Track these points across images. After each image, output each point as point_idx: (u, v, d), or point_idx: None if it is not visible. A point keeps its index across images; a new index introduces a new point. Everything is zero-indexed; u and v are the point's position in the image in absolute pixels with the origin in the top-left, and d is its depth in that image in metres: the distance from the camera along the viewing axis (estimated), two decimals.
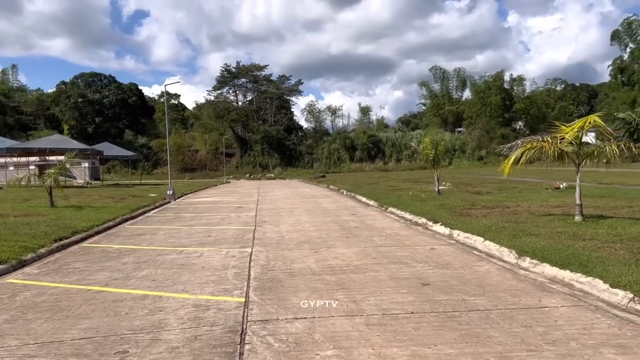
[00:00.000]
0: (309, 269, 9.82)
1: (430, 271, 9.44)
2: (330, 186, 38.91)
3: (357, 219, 17.73)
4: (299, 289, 8.26)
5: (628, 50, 73.06)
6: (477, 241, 12.21)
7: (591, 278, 8.11)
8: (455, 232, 13.59)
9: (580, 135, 13.14)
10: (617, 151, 13.10)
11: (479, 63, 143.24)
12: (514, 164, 13.96)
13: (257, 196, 31.43)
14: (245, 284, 8.73)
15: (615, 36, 75.80)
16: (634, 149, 13.33)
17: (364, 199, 25.64)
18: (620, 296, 7.32)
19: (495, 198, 21.79)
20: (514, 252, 10.55)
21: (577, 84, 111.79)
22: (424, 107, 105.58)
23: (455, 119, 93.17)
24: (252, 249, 12.16)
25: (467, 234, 12.97)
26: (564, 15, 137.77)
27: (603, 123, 12.59)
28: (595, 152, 13.45)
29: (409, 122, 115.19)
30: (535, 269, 9.47)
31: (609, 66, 77.65)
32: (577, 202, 13.81)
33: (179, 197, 31.06)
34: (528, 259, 9.91)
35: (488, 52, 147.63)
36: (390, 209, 20.34)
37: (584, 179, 28.89)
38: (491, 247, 11.48)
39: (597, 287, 7.84)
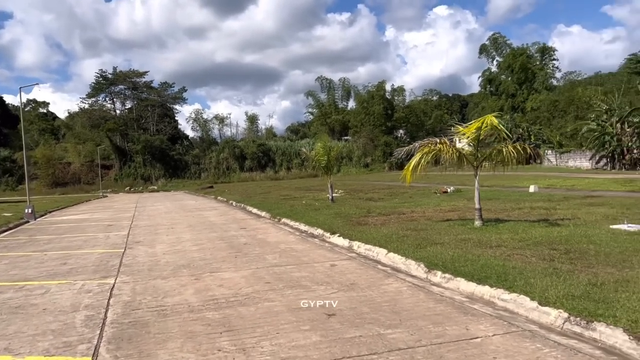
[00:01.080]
0: (186, 303, 7.81)
1: (334, 295, 7.90)
2: (219, 197, 36.48)
3: (247, 234, 15.85)
4: (170, 337, 6.26)
5: (495, 62, 79.14)
6: (380, 253, 10.95)
7: (515, 294, 7.06)
8: (355, 244, 12.28)
9: (478, 136, 12.51)
10: (514, 152, 12.65)
11: (361, 74, 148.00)
12: (414, 170, 13.02)
13: (134, 211, 28.19)
14: (98, 333, 6.53)
15: (483, 50, 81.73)
16: (529, 150, 12.99)
17: (255, 210, 23.78)
18: (553, 316, 6.29)
19: (389, 204, 21.10)
20: (422, 265, 9.38)
21: (450, 94, 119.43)
22: (311, 117, 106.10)
23: (341, 127, 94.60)
24: (115, 279, 9.79)
25: (368, 246, 11.70)
26: (436, 31, 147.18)
27: (499, 123, 12.05)
28: (493, 154, 12.92)
29: (297, 130, 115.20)
30: (449, 285, 8.32)
31: (479, 77, 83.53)
32: (477, 206, 13.20)
33: (41, 216, 26.88)
34: (439, 272, 8.76)
35: (369, 64, 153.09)
36: (283, 220, 18.72)
37: (465, 182, 29.65)
38: (396, 259, 10.26)
39: (525, 305, 6.77)
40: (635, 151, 42.26)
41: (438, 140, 13.25)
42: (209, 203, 32.95)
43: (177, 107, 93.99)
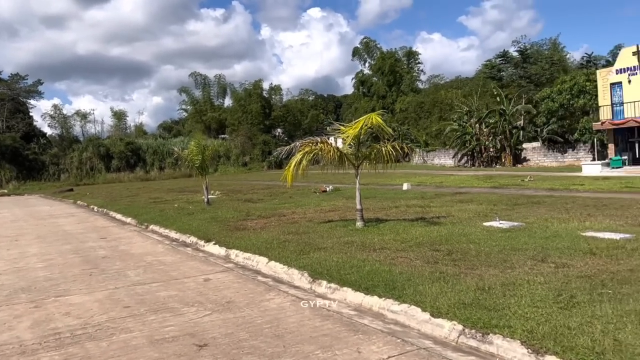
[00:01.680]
0: (17, 342, 6.19)
1: (207, 319, 6.79)
2: (79, 202, 32.84)
3: (108, 245, 13.94)
4: None
5: (367, 65, 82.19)
6: (261, 262, 10.01)
7: (406, 305, 6.54)
8: (233, 253, 11.20)
9: (359, 135, 12.09)
10: (393, 152, 12.45)
11: (238, 72, 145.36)
12: (295, 169, 12.25)
13: None
14: None
15: (356, 53, 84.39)
16: (406, 149, 12.88)
17: (119, 216, 21.46)
18: (447, 329, 5.82)
19: (269, 205, 20.23)
20: (306, 274, 8.62)
21: (325, 95, 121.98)
22: (185, 114, 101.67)
23: (218, 125, 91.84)
24: None
25: (247, 254, 10.69)
26: (310, 32, 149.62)
27: (383, 122, 11.75)
28: (373, 154, 12.60)
29: (170, 128, 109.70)
30: (336, 295, 7.63)
31: (352, 79, 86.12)
32: (358, 207, 12.81)
33: None
34: (324, 282, 8.05)
35: (245, 62, 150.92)
36: (152, 227, 16.94)
37: (343, 181, 29.88)
38: (278, 269, 9.39)
39: (416, 317, 6.26)
40: (491, 149, 46.15)
41: (319, 140, 12.64)
42: (66, 208, 29.43)
43: (32, 101, 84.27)
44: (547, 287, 6.65)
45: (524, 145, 44.21)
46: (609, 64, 42.85)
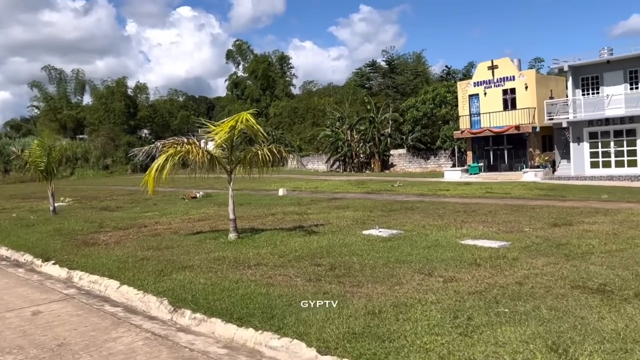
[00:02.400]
0: None
1: None
2: None
3: None
4: None
5: (241, 67, 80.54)
6: (110, 287, 8.27)
7: (287, 340, 5.43)
8: (77, 275, 9.25)
9: (232, 136, 10.79)
10: (270, 155, 11.35)
11: (100, 68, 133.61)
12: (158, 174, 10.58)
13: None
14: None
15: (229, 55, 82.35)
16: (284, 153, 11.87)
17: None
18: None
19: (128, 214, 17.97)
20: (165, 301, 7.15)
21: (197, 96, 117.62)
22: (37, 111, 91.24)
23: (76, 124, 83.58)
24: None
25: (93, 277, 8.85)
26: (180, 31, 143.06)
27: (255, 121, 10.57)
28: (248, 157, 11.38)
29: (20, 127, 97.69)
30: (202, 328, 6.30)
31: (225, 80, 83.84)
32: (231, 216, 11.49)
33: None
34: (188, 312, 6.67)
35: (109, 58, 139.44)
36: None
37: (215, 185, 28.15)
38: (131, 295, 7.77)
39: (301, 354, 5.18)
40: (362, 155, 47.38)
41: (186, 140, 11.10)
42: None
43: None
44: (441, 308, 5.98)
45: (392, 152, 46.01)
46: (465, 77, 46.30)
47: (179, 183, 28.59)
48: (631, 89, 26.81)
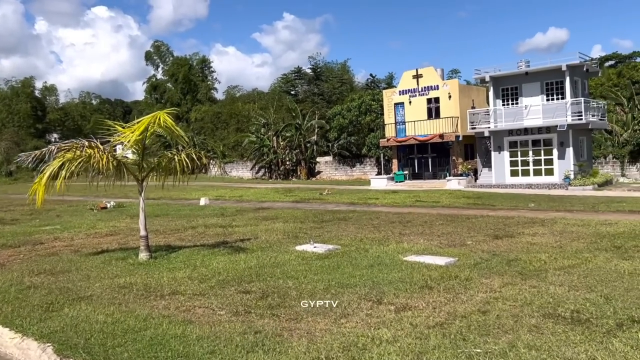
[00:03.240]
0: None
1: None
2: None
3: None
4: None
5: (160, 70, 76.73)
6: None
7: None
8: None
9: (143, 139, 9.17)
10: (188, 162, 9.82)
11: (5, 68, 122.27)
12: (49, 183, 8.73)
13: None
14: None
15: (148, 57, 78.23)
16: (204, 159, 10.39)
17: None
18: None
19: (24, 229, 15.53)
20: (49, 349, 5.53)
21: (113, 99, 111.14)
22: None
23: None
24: None
25: None
26: (95, 32, 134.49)
27: (173, 123, 9.04)
28: (163, 163, 9.78)
29: None
30: None
31: (143, 83, 79.60)
32: (142, 233, 9.82)
33: None
34: None
35: (15, 57, 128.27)
36: None
37: (129, 194, 25.75)
38: (6, 340, 6.02)
39: None
40: (288, 162, 46.19)
41: (87, 144, 9.31)
42: None
43: None
44: (401, 350, 4.87)
45: (318, 159, 45.24)
46: (388, 86, 46.62)
47: (88, 191, 25.94)
48: (548, 100, 27.71)
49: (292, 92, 56.03)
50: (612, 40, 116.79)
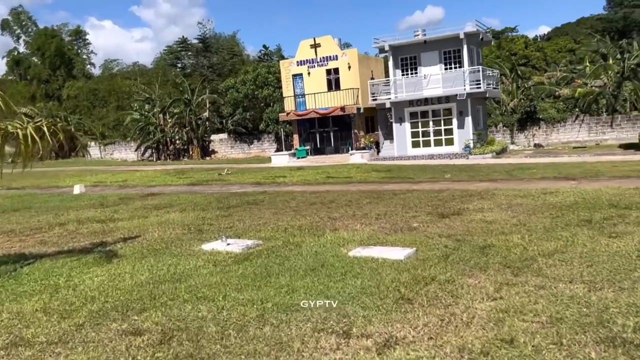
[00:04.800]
0: None
1: None
2: None
3: None
4: None
5: (22, 42, 66.63)
6: None
7: None
8: None
9: None
10: (40, 141, 6.72)
11: None
12: None
13: None
14: None
15: (5, 26, 67.40)
16: (76, 137, 7.34)
17: None
18: None
19: None
20: None
21: None
22: None
23: None
24: None
25: None
26: None
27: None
28: None
29: None
30: None
31: (3, 57, 68.82)
32: None
33: None
34: None
35: None
36: None
37: None
38: None
39: None
40: (178, 142, 42.08)
41: None
42: None
43: None
44: None
45: (212, 137, 41.71)
46: (282, 58, 44.13)
47: None
48: (446, 69, 27.11)
49: (179, 65, 51.25)
50: (482, 18, 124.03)
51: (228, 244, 7.73)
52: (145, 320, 4.85)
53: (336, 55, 30.04)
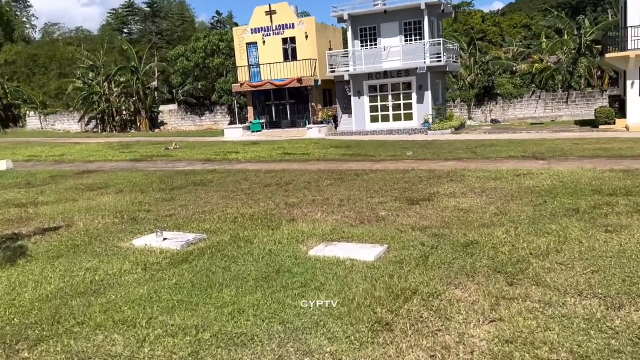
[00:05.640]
0: None
1: None
2: None
3: None
4: None
5: None
6: None
7: None
8: None
9: None
10: None
11: None
12: None
13: None
14: None
15: None
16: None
17: None
18: None
19: None
20: None
21: None
22: None
23: None
24: None
25: None
26: None
27: None
28: None
29: None
30: None
31: None
32: None
33: None
34: None
35: None
36: None
37: None
38: None
39: None
40: (125, 113, 39.38)
41: None
42: None
43: None
44: None
45: (161, 108, 39.25)
46: (236, 25, 41.77)
47: None
48: (406, 41, 26.01)
49: (126, 31, 47.86)
50: None
51: (165, 239, 6.42)
52: (44, 354, 3.56)
53: (293, 24, 28.33)
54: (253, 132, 28.47)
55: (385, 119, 26.70)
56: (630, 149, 13.54)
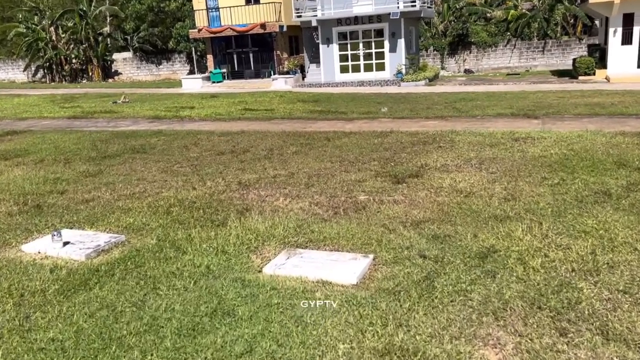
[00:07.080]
0: None
1: None
2: None
3: None
4: None
5: None
6: None
7: None
8: None
9: None
10: None
11: None
12: None
13: None
14: None
15: None
16: None
17: None
18: None
19: None
20: None
21: None
22: None
23: None
24: None
25: None
26: None
27: None
28: None
29: None
30: None
31: None
32: None
33: None
34: None
35: None
36: None
37: None
38: None
39: None
40: (74, 61, 35.75)
41: None
42: None
43: None
44: None
45: (114, 56, 35.74)
46: None
47: None
48: None
49: None
50: None
51: (66, 243, 4.56)
52: None
53: None
54: (213, 82, 25.96)
55: (356, 69, 24.57)
56: (622, 103, 12.12)
